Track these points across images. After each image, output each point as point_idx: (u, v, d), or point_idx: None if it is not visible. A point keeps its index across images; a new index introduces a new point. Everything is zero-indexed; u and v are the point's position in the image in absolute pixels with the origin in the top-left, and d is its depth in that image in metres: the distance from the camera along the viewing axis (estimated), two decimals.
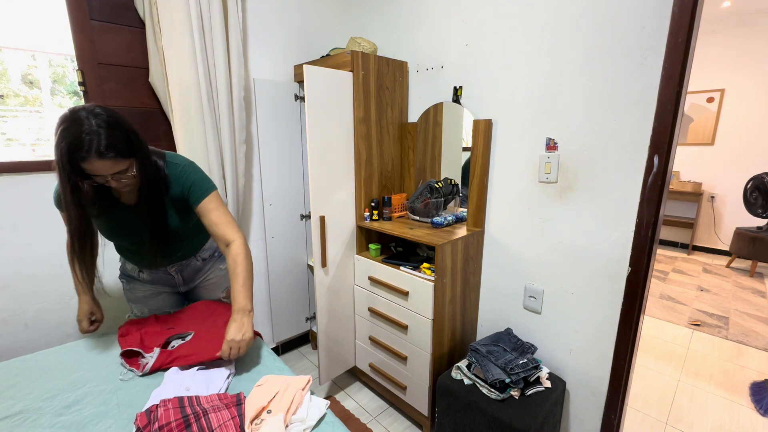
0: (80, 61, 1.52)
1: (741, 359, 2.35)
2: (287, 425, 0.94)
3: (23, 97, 1.59)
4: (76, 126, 0.96)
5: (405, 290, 1.61)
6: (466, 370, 1.47)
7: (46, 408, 1.01)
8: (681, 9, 1.08)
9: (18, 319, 1.49)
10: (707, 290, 3.43)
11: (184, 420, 0.89)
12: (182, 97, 1.62)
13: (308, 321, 2.43)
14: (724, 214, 4.41)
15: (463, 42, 1.67)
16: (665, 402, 1.97)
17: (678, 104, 1.13)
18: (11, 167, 1.40)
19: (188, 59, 1.58)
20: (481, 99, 1.64)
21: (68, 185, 1.01)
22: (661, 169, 1.18)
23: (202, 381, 1.10)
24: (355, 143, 1.75)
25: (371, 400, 1.96)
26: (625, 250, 1.30)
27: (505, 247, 1.65)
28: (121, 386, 1.12)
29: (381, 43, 2.05)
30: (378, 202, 1.86)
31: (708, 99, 4.31)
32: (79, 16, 1.49)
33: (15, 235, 1.44)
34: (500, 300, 1.72)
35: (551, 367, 1.57)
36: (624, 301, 1.32)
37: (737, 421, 1.84)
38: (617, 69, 1.23)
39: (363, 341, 1.94)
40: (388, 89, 1.83)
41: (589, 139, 1.33)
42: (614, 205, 1.31)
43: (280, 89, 2.01)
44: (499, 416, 1.29)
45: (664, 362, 2.31)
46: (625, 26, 1.20)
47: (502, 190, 1.62)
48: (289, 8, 2.03)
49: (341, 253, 1.82)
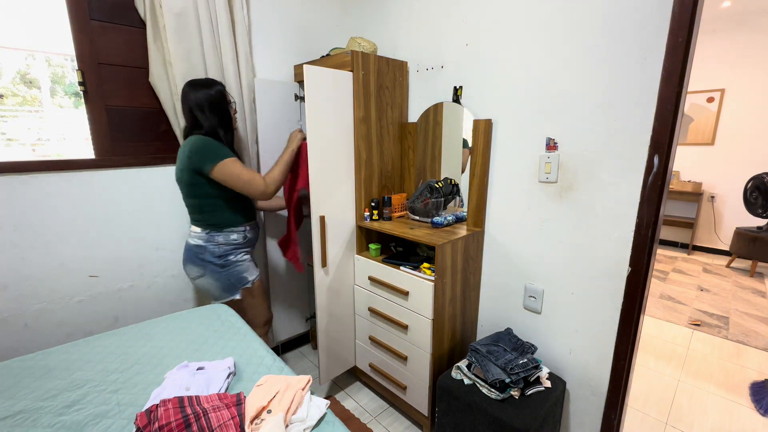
0: (80, 61, 1.52)
1: (741, 359, 2.35)
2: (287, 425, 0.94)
3: (21, 97, 1.59)
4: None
5: (405, 290, 1.61)
6: (466, 370, 1.46)
7: (46, 408, 1.01)
8: (681, 9, 1.08)
9: (18, 319, 1.49)
10: (707, 290, 3.43)
11: (184, 420, 0.89)
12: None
13: (308, 321, 2.43)
14: (724, 214, 4.40)
15: (463, 42, 1.67)
16: (665, 402, 1.97)
17: (678, 104, 1.13)
18: (11, 167, 1.40)
19: (197, 61, 1.58)
20: (481, 99, 1.64)
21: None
22: (661, 169, 1.18)
23: (202, 381, 1.10)
24: (355, 143, 1.75)
25: (371, 400, 1.96)
26: (625, 250, 1.29)
27: (505, 247, 1.65)
28: (121, 386, 1.12)
29: (381, 43, 2.05)
30: (378, 202, 1.86)
31: (708, 99, 4.31)
32: (79, 15, 1.49)
33: (15, 235, 1.44)
34: (500, 300, 1.72)
35: (551, 367, 1.57)
36: (624, 301, 1.32)
37: (737, 421, 1.84)
38: (617, 69, 1.23)
39: (363, 341, 1.94)
40: (388, 89, 1.83)
41: (590, 139, 1.33)
42: (614, 205, 1.31)
43: (280, 89, 2.01)
44: (499, 416, 1.29)
45: (664, 362, 2.31)
46: (625, 26, 1.20)
47: (502, 190, 1.62)
48: (289, 8, 2.03)
49: (341, 253, 1.82)
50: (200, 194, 1.52)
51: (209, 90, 1.50)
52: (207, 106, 1.49)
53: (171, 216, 1.80)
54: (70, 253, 1.56)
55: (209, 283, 1.62)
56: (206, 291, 1.67)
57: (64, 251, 1.55)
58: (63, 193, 1.52)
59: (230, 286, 1.65)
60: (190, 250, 1.59)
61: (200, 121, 1.50)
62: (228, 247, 1.60)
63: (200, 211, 1.55)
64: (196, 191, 1.52)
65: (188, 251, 1.60)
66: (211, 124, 1.51)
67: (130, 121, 1.67)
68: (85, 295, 1.62)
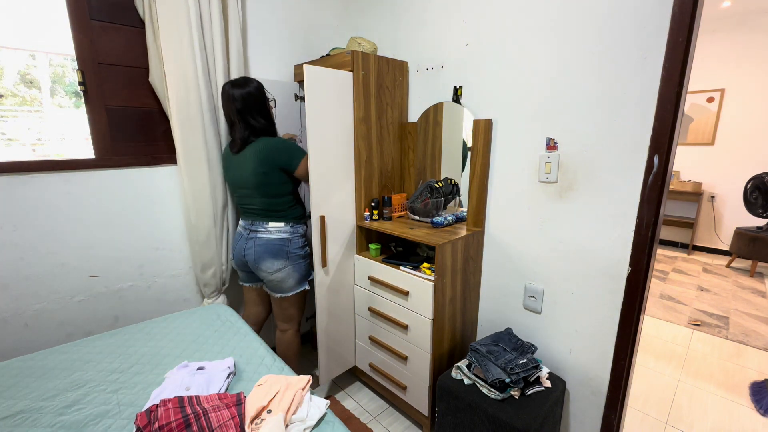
0: (80, 61, 1.52)
1: (741, 359, 2.35)
2: (287, 425, 0.94)
3: (21, 97, 1.59)
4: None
5: (405, 290, 1.61)
6: (466, 370, 1.47)
7: (46, 408, 1.01)
8: (681, 9, 1.08)
9: (18, 319, 1.49)
10: (707, 290, 3.43)
11: (184, 420, 0.89)
12: (180, 96, 1.61)
13: (308, 321, 2.43)
14: (724, 214, 4.40)
15: (463, 42, 1.67)
16: (665, 402, 1.97)
17: (678, 104, 1.13)
18: (11, 167, 1.40)
19: (187, 58, 1.58)
20: (481, 99, 1.64)
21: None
22: (661, 168, 1.18)
23: (203, 381, 1.10)
24: (355, 143, 1.75)
25: (371, 399, 1.96)
26: (625, 250, 1.29)
27: (505, 247, 1.65)
28: (121, 386, 1.12)
29: (381, 43, 2.05)
30: (378, 202, 1.86)
31: (708, 99, 4.31)
32: (79, 15, 1.49)
33: (15, 235, 1.44)
34: (500, 300, 1.72)
35: (551, 366, 1.57)
36: (624, 300, 1.32)
37: (737, 421, 1.84)
38: (617, 69, 1.23)
39: (363, 341, 1.94)
40: (388, 89, 1.83)
41: (590, 138, 1.33)
42: (614, 205, 1.31)
43: (280, 89, 2.01)
44: (499, 416, 1.29)
45: (664, 362, 2.31)
46: (625, 26, 1.20)
47: (502, 190, 1.62)
48: (289, 8, 2.03)
49: (341, 253, 1.82)
50: (282, 192, 1.63)
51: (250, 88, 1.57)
52: (256, 106, 1.58)
53: (171, 216, 1.80)
54: (70, 253, 1.56)
55: (289, 274, 1.67)
56: (282, 283, 1.69)
57: (64, 251, 1.55)
58: (63, 193, 1.52)
59: (306, 275, 1.76)
60: (273, 245, 1.63)
61: (252, 122, 1.58)
62: (305, 239, 1.75)
63: (281, 207, 1.64)
64: (278, 189, 1.61)
65: (270, 245, 1.63)
66: (264, 125, 1.60)
67: (130, 121, 1.67)
68: (85, 295, 1.62)
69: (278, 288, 1.70)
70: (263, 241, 1.64)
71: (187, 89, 1.61)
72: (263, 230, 1.64)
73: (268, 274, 1.66)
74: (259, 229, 1.65)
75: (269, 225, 1.64)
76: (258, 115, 1.58)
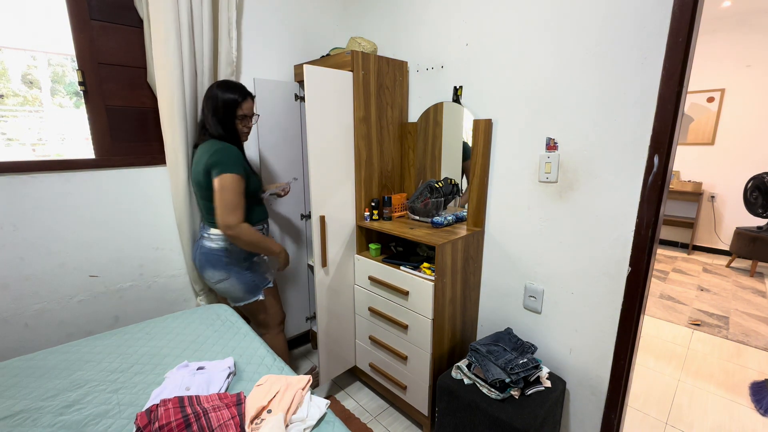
0: (80, 61, 1.52)
1: (741, 359, 2.35)
2: (287, 425, 0.94)
3: (22, 96, 1.59)
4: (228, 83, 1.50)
5: (405, 290, 1.61)
6: (466, 370, 1.47)
7: (46, 408, 1.01)
8: (681, 9, 1.08)
9: (18, 319, 1.49)
10: (707, 290, 3.43)
11: (185, 420, 0.89)
12: (166, 96, 1.58)
13: (308, 321, 2.43)
14: (724, 213, 4.40)
15: (463, 41, 1.67)
16: (665, 402, 1.97)
17: (678, 104, 1.13)
18: (11, 167, 1.40)
19: (173, 57, 1.54)
20: (481, 99, 1.64)
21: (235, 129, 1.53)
22: (661, 168, 1.18)
23: (203, 381, 1.10)
24: (355, 143, 1.75)
25: (371, 399, 1.96)
26: (625, 250, 1.29)
27: (505, 247, 1.65)
28: (121, 386, 1.12)
29: (381, 43, 2.05)
30: (378, 202, 1.86)
31: (708, 99, 4.31)
32: (79, 15, 1.49)
33: (15, 235, 1.44)
34: (500, 300, 1.72)
35: (551, 366, 1.57)
36: (624, 300, 1.32)
37: (737, 421, 1.84)
38: (617, 68, 1.23)
39: (363, 341, 1.94)
40: (388, 89, 1.83)
41: (590, 138, 1.33)
42: (614, 205, 1.31)
43: (280, 89, 2.01)
44: (499, 416, 1.29)
45: (664, 362, 2.31)
46: (625, 26, 1.20)
47: (502, 190, 1.62)
48: (289, 8, 2.03)
49: (341, 253, 1.82)
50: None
51: (222, 96, 1.47)
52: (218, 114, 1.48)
53: (171, 216, 1.79)
54: (70, 253, 1.56)
55: (233, 286, 1.58)
56: (227, 294, 1.62)
57: (64, 251, 1.55)
58: (63, 193, 1.52)
59: (254, 287, 1.62)
60: (211, 254, 1.54)
61: (209, 126, 1.49)
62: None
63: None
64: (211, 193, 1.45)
65: (208, 255, 1.55)
66: (221, 133, 1.49)
67: (130, 121, 1.67)
68: (85, 295, 1.62)
69: (228, 297, 1.64)
70: (205, 249, 1.56)
71: (171, 90, 1.57)
72: (206, 236, 1.56)
73: (212, 284, 1.61)
74: (203, 234, 1.58)
75: (210, 231, 1.55)
76: (218, 124, 1.49)
